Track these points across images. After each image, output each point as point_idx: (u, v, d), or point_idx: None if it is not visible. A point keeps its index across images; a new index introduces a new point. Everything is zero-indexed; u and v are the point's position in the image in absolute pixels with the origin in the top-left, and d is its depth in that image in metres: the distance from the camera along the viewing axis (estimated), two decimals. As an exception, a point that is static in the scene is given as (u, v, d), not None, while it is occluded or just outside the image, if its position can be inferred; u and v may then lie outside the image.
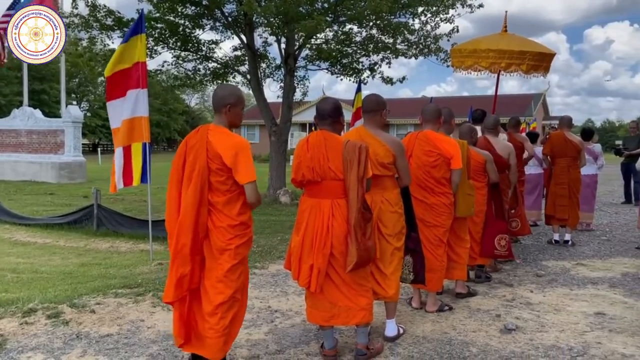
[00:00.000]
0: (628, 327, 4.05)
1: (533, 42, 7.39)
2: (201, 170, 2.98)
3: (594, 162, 8.59)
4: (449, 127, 4.72)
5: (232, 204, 3.03)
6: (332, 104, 3.47)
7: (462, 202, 4.45)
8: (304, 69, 12.73)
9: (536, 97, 36.76)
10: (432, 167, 4.20)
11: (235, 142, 3.00)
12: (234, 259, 3.03)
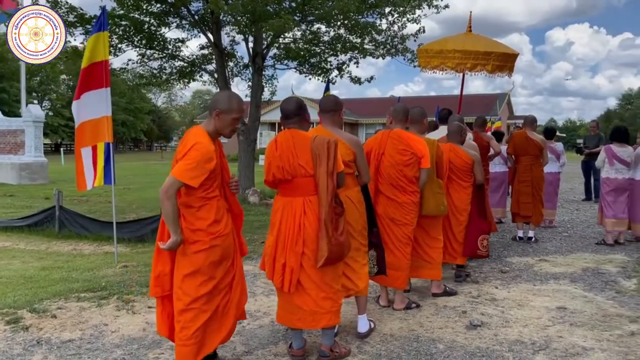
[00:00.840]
0: (588, 320, 4.17)
1: (497, 42, 7.53)
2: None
3: (556, 160, 8.81)
4: (422, 126, 4.77)
5: (190, 207, 2.95)
6: (295, 103, 3.48)
7: (431, 200, 4.49)
8: (272, 68, 12.67)
9: (501, 97, 37.53)
10: (405, 166, 4.24)
11: (191, 140, 2.93)
12: (191, 265, 2.95)
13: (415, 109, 4.75)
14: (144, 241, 7.00)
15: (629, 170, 7.10)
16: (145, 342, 3.74)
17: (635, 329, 3.94)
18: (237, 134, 11.88)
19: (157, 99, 71.92)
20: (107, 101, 5.98)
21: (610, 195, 7.13)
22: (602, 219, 7.28)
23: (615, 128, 7.55)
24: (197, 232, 2.94)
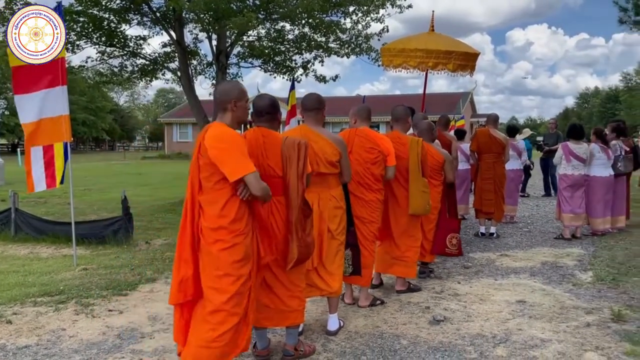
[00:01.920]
0: (546, 313, 4.28)
1: (459, 42, 7.65)
2: (192, 166, 2.88)
3: (518, 157, 9.02)
4: (406, 125, 4.80)
5: (214, 204, 2.84)
6: (269, 100, 3.43)
7: (418, 199, 4.53)
8: (236, 66, 12.59)
9: (464, 96, 38.24)
10: (373, 164, 4.26)
11: (225, 135, 2.81)
12: (218, 264, 2.84)
13: (399, 107, 4.79)
14: (105, 243, 6.83)
15: (585, 167, 7.32)
16: (105, 347, 3.65)
17: (591, 320, 4.07)
18: (201, 133, 11.73)
19: (119, 98, 70.46)
20: (64, 99, 5.81)
21: (567, 191, 7.34)
22: (560, 214, 7.49)
23: (571, 126, 7.78)
24: (218, 230, 2.84)
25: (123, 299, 4.69)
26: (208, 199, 2.85)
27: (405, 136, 4.70)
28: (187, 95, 11.99)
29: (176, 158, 37.04)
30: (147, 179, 19.21)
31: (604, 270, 5.54)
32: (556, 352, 3.50)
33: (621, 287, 4.97)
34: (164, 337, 3.82)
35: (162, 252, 6.51)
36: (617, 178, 7.59)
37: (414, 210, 4.55)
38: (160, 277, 5.43)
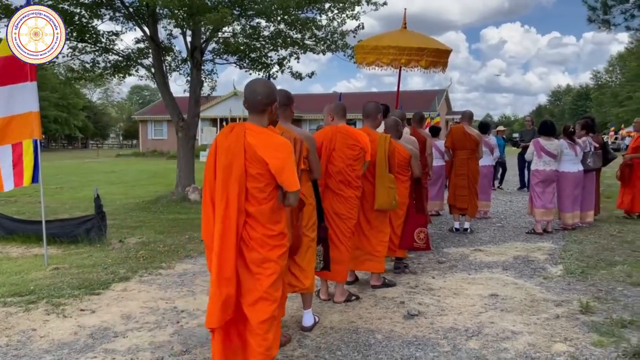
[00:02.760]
0: (517, 306, 4.36)
1: (431, 39, 7.72)
2: (238, 175, 2.71)
3: (490, 153, 9.16)
4: (376, 121, 4.83)
5: (270, 212, 2.77)
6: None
7: (384, 195, 4.56)
8: (211, 62, 12.45)
9: (439, 93, 38.60)
10: (355, 160, 4.28)
11: (283, 146, 2.73)
12: (275, 272, 2.78)
13: (370, 104, 4.81)
14: (77, 242, 6.71)
15: (556, 163, 7.47)
16: (76, 346, 3.59)
17: (560, 312, 4.17)
18: (176, 130, 11.62)
19: (92, 95, 69.22)
20: (33, 96, 5.69)
21: (539, 187, 7.49)
22: (532, 209, 7.63)
23: (542, 122, 7.92)
24: (277, 236, 2.80)
25: (95, 299, 4.62)
26: (263, 209, 2.75)
27: (374, 132, 4.74)
28: (162, 92, 11.84)
29: (151, 156, 36.61)
30: (121, 177, 18.93)
31: (574, 264, 5.67)
32: (527, 343, 3.57)
33: (590, 279, 5.09)
34: (137, 335, 3.78)
35: (137, 251, 6.43)
36: (586, 174, 7.77)
37: (379, 206, 4.58)
38: (134, 275, 5.36)
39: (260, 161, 2.69)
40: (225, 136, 2.81)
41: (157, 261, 5.95)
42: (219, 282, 2.70)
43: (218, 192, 2.73)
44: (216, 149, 2.80)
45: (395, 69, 7.59)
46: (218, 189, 2.74)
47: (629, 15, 10.80)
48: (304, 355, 3.46)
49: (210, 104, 35.30)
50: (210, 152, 2.86)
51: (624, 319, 3.94)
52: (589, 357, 3.32)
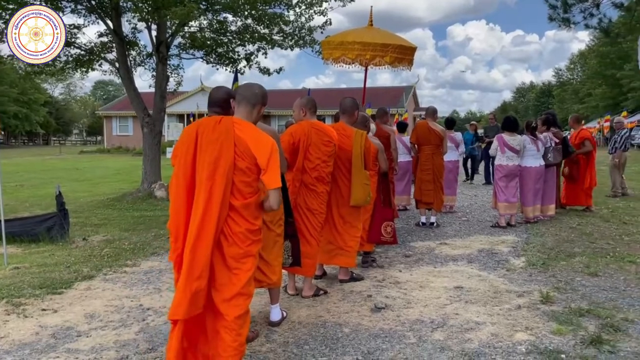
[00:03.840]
0: (481, 297, 4.46)
1: (395, 35, 7.80)
2: (227, 168, 2.67)
3: (455, 149, 9.32)
4: (352, 117, 4.85)
5: (252, 207, 2.77)
6: (224, 93, 3.39)
7: (360, 191, 4.60)
8: (177, 57, 12.28)
9: (407, 90, 39.00)
10: (329, 157, 4.31)
11: (270, 141, 2.75)
12: (252, 267, 2.78)
13: (348, 100, 4.83)
14: (39, 240, 6.54)
15: (519, 158, 7.65)
16: (38, 347, 3.51)
17: (522, 303, 4.28)
18: (142, 126, 11.42)
19: (53, 90, 67.27)
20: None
21: (502, 181, 7.66)
22: (496, 203, 7.80)
23: (505, 118, 8.10)
24: (257, 231, 2.82)
25: (58, 298, 4.52)
26: (249, 203, 2.75)
27: (350, 128, 4.76)
28: (127, 88, 11.62)
29: (116, 152, 35.90)
30: (85, 174, 18.50)
31: (535, 256, 5.83)
32: (489, 333, 3.66)
33: (550, 271, 5.24)
34: (101, 334, 3.72)
35: (101, 249, 6.31)
36: (547, 168, 7.98)
37: (355, 202, 4.62)
38: (98, 274, 5.26)
39: (251, 155, 2.70)
40: (213, 128, 2.76)
41: (122, 259, 5.85)
42: (190, 274, 2.63)
43: (200, 184, 2.68)
44: (197, 141, 2.75)
45: (362, 65, 7.65)
46: (200, 181, 2.69)
47: (588, 14, 11.11)
48: (272, 350, 3.46)
49: (176, 100, 34.82)
50: (187, 144, 2.77)
51: (581, 308, 4.08)
52: (548, 345, 3.43)
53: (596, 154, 9.28)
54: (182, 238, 2.72)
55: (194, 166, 2.73)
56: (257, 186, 2.79)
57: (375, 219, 5.39)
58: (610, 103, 43.95)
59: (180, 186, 2.75)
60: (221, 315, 2.74)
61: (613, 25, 11.88)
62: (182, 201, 2.74)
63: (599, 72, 47.41)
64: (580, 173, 8.85)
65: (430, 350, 3.42)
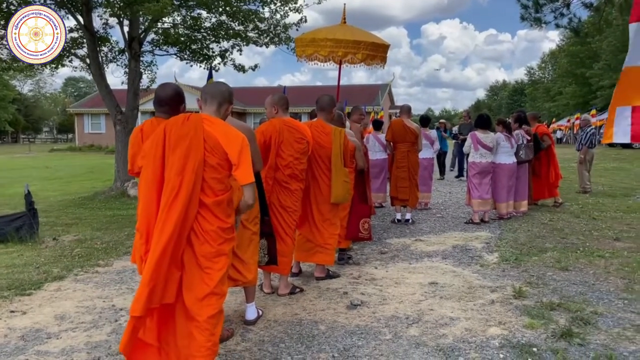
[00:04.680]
0: (455, 293, 4.51)
1: (368, 33, 7.84)
2: (196, 164, 2.62)
3: (430, 146, 9.39)
4: (330, 114, 4.83)
5: (224, 204, 2.72)
6: (172, 90, 3.34)
7: (340, 188, 4.60)
8: (150, 53, 12.10)
9: (383, 88, 39.20)
10: (302, 154, 4.29)
11: (240, 136, 2.71)
12: (225, 266, 2.74)
13: (325, 97, 4.82)
14: (6, 241, 6.37)
15: (492, 155, 7.76)
16: (6, 349, 3.42)
17: (495, 298, 4.34)
18: (114, 123, 11.23)
19: (22, 86, 65.59)
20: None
21: (476, 178, 7.76)
22: (470, 200, 7.90)
23: (478, 116, 8.20)
24: (229, 229, 2.78)
25: (27, 299, 4.41)
26: (221, 200, 2.71)
27: (328, 126, 4.76)
28: (98, 84, 11.40)
29: (88, 150, 35.23)
30: (55, 172, 18.12)
31: (508, 251, 5.92)
32: (463, 328, 3.70)
33: (523, 266, 5.33)
34: (72, 336, 3.64)
35: (72, 249, 6.18)
36: (519, 165, 8.11)
37: (335, 199, 4.63)
38: (69, 274, 5.15)
39: (221, 151, 2.67)
40: (182, 124, 2.71)
41: (94, 259, 5.74)
42: (152, 270, 2.58)
43: (168, 181, 2.64)
44: (165, 139, 2.70)
45: (335, 62, 7.67)
46: (169, 178, 2.64)
47: (559, 13, 11.34)
48: (247, 349, 3.44)
49: (150, 97, 34.24)
50: (156, 142, 2.72)
51: (553, 302, 4.16)
52: (520, 339, 3.48)
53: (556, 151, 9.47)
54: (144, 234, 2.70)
55: (163, 164, 2.69)
56: (228, 183, 2.76)
57: (353, 215, 5.40)
58: (580, 101, 44.96)
59: (150, 186, 2.70)
60: (193, 317, 2.70)
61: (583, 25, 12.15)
62: (153, 201, 2.69)
63: (569, 71, 48.45)
64: (542, 169, 9.04)
65: (405, 346, 3.44)
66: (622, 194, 10.51)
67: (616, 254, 5.68)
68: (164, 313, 2.73)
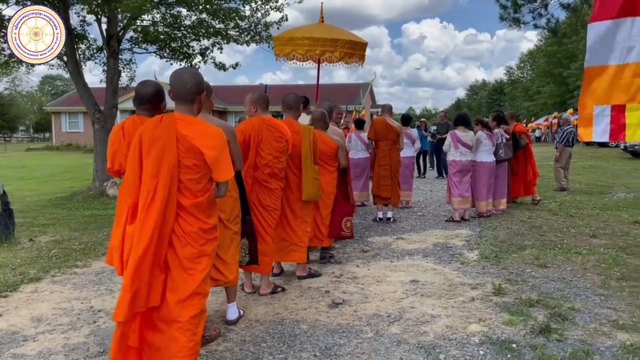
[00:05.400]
0: (436, 290, 4.54)
1: (345, 31, 7.88)
2: (171, 167, 2.58)
3: (411, 145, 9.44)
4: (297, 112, 4.82)
5: (203, 205, 2.70)
6: (152, 88, 3.30)
7: (309, 186, 4.59)
8: (129, 51, 11.95)
9: (364, 87, 39.31)
10: (281, 152, 4.26)
11: (216, 134, 2.68)
12: (208, 266, 2.74)
13: (291, 95, 4.80)
14: (-19, 242, 6.23)
15: (471, 153, 7.83)
16: (-20, 354, 3.34)
17: (475, 295, 4.38)
18: (92, 122, 11.07)
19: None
20: None
21: (456, 176, 7.82)
22: (450, 198, 7.96)
23: (458, 115, 8.28)
24: (211, 229, 2.77)
25: (2, 301, 4.32)
26: (200, 201, 2.69)
27: (297, 124, 4.75)
28: (76, 83, 11.22)
29: (66, 149, 34.67)
30: (32, 172, 17.79)
31: (488, 249, 5.98)
32: (444, 326, 3.73)
33: (502, 263, 5.39)
34: (49, 338, 3.57)
35: (49, 250, 6.07)
36: (498, 164, 8.20)
37: (307, 197, 4.62)
38: (46, 276, 5.06)
39: (196, 152, 2.63)
40: (154, 127, 2.68)
41: (72, 260, 5.65)
42: (137, 275, 2.56)
43: (144, 185, 2.61)
44: (140, 142, 2.66)
45: (313, 61, 7.69)
46: (145, 182, 2.62)
47: (537, 14, 11.51)
48: (229, 349, 3.42)
49: (129, 95, 33.81)
50: (133, 145, 2.70)
51: (531, 298, 4.21)
52: (500, 336, 3.52)
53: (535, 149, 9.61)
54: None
55: (141, 168, 2.66)
56: (208, 184, 2.74)
57: (335, 214, 5.41)
58: (558, 100, 45.69)
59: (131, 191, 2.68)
60: (175, 318, 2.68)
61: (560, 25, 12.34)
62: (133, 201, 2.68)
63: (547, 70, 49.18)
64: (520, 167, 9.16)
65: (387, 344, 3.45)
66: (598, 192, 10.70)
67: (593, 250, 5.78)
68: (145, 315, 2.71)
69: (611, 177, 13.88)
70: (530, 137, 9.75)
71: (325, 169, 5.34)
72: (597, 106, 4.25)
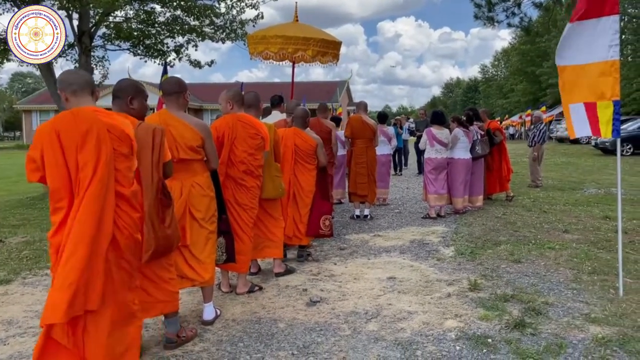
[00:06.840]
0: (413, 287, 4.57)
1: (319, 30, 7.88)
2: (108, 156, 2.57)
3: (388, 142, 9.48)
4: (258, 110, 4.79)
5: (138, 194, 2.78)
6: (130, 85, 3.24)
7: (270, 184, 4.55)
8: (102, 48, 11.73)
9: (341, 85, 39.42)
10: (256, 150, 4.23)
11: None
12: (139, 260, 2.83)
13: (250, 94, 4.77)
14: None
15: (447, 151, 7.91)
16: (-53, 360, 3.24)
17: (452, 291, 4.43)
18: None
19: (-35, 82, 62.47)
20: None
21: (432, 174, 7.88)
22: (426, 195, 8.03)
23: (433, 113, 8.35)
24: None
25: (-30, 305, 4.20)
26: (135, 190, 2.75)
27: (259, 122, 4.74)
28: (46, 80, 10.98)
29: (37, 148, 33.85)
30: (2, 171, 17.36)
31: (464, 245, 6.05)
32: (421, 322, 3.76)
33: (478, 259, 5.46)
34: (20, 342, 3.49)
35: (19, 251, 5.93)
36: (475, 161, 8.30)
37: (267, 195, 4.56)
38: (17, 277, 4.94)
39: (127, 138, 2.69)
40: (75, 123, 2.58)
41: (44, 261, 5.52)
42: (73, 271, 2.43)
43: (77, 181, 2.53)
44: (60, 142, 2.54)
45: (288, 60, 7.68)
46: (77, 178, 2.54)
47: (510, 13, 11.69)
48: (205, 349, 3.38)
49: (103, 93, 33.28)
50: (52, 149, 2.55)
51: (506, 293, 4.27)
52: (476, 331, 3.56)
53: (509, 146, 9.75)
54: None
55: (68, 168, 2.56)
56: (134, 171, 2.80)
57: (314, 212, 5.40)
58: (531, 98, 46.53)
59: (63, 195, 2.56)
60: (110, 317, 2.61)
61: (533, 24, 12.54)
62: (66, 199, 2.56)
63: (520, 69, 50.03)
64: (494, 163, 9.29)
65: (364, 341, 3.46)
66: (570, 188, 10.92)
67: (565, 245, 5.89)
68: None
69: (582, 173, 14.18)
70: (504, 134, 9.89)
71: (304, 167, 5.34)
72: (572, 104, 4.35)
